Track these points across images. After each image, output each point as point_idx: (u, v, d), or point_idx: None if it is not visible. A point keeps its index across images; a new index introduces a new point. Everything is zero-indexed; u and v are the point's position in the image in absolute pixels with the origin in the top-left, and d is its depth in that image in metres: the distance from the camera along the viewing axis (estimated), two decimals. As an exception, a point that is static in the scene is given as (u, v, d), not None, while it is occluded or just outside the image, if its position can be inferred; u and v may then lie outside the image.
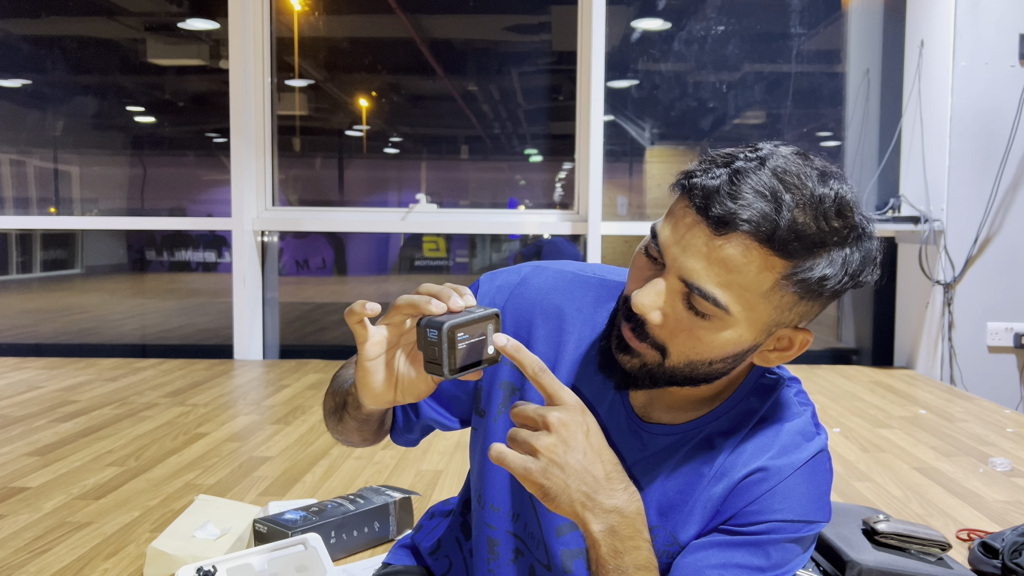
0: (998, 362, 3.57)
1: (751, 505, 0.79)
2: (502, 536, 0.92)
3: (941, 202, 3.58)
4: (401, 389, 0.79)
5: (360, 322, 0.76)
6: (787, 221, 0.68)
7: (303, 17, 4.23)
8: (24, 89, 4.37)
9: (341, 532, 1.65)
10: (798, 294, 0.72)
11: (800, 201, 0.69)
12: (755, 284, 0.71)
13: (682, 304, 0.73)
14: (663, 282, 0.74)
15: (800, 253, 0.69)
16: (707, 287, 0.71)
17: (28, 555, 1.65)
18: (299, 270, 4.54)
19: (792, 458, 0.80)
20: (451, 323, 0.71)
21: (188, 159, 4.44)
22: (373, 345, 0.77)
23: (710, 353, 0.75)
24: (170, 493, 2.03)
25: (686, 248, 0.72)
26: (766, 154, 0.72)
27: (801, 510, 0.79)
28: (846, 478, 2.20)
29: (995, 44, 3.50)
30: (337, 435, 0.95)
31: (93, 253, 4.64)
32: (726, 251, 0.70)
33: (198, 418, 2.79)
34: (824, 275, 0.70)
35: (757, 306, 0.72)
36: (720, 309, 0.71)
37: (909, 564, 1.43)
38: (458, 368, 0.73)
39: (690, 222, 0.72)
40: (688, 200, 0.73)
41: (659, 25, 4.14)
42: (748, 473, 0.80)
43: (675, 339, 0.75)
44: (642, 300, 0.73)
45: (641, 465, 0.84)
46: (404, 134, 4.48)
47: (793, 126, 4.18)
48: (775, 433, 0.82)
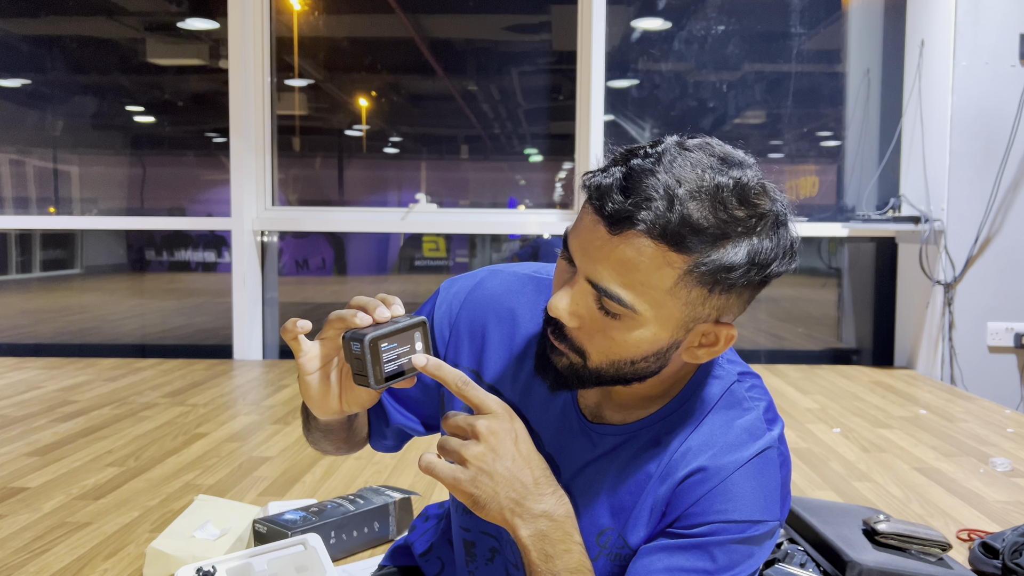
0: (998, 362, 3.57)
1: (693, 506, 0.78)
2: (477, 537, 0.92)
3: (941, 202, 3.58)
4: (345, 399, 0.81)
5: (294, 339, 0.78)
6: (680, 215, 0.67)
7: (303, 17, 4.23)
8: (24, 89, 4.37)
9: (341, 532, 1.65)
10: (706, 287, 0.70)
11: (695, 193, 0.67)
12: (657, 281, 0.69)
13: (594, 305, 0.73)
14: (574, 285, 0.73)
15: (698, 247, 0.68)
16: (612, 288, 0.70)
17: (28, 555, 1.65)
18: (299, 270, 4.54)
19: (735, 456, 0.78)
20: (373, 335, 0.73)
21: (188, 159, 4.43)
22: (309, 360, 0.79)
23: (628, 353, 0.74)
24: (170, 493, 2.02)
25: (588, 250, 0.71)
26: (664, 148, 0.70)
27: (746, 510, 0.77)
28: (846, 478, 2.20)
29: (995, 44, 3.50)
30: (312, 444, 0.96)
31: (93, 253, 4.63)
32: (622, 250, 0.69)
33: (198, 418, 2.79)
34: (729, 265, 0.69)
35: (665, 303, 0.71)
36: (627, 309, 0.71)
37: (909, 564, 1.43)
38: (384, 378, 0.74)
39: (590, 223, 0.71)
40: (588, 203, 0.72)
41: (659, 25, 4.14)
42: (689, 473, 0.79)
43: (592, 341, 0.74)
44: (557, 304, 0.73)
45: (593, 466, 0.83)
46: (404, 134, 4.48)
47: (793, 126, 4.18)
48: (721, 431, 0.80)
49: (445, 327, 0.91)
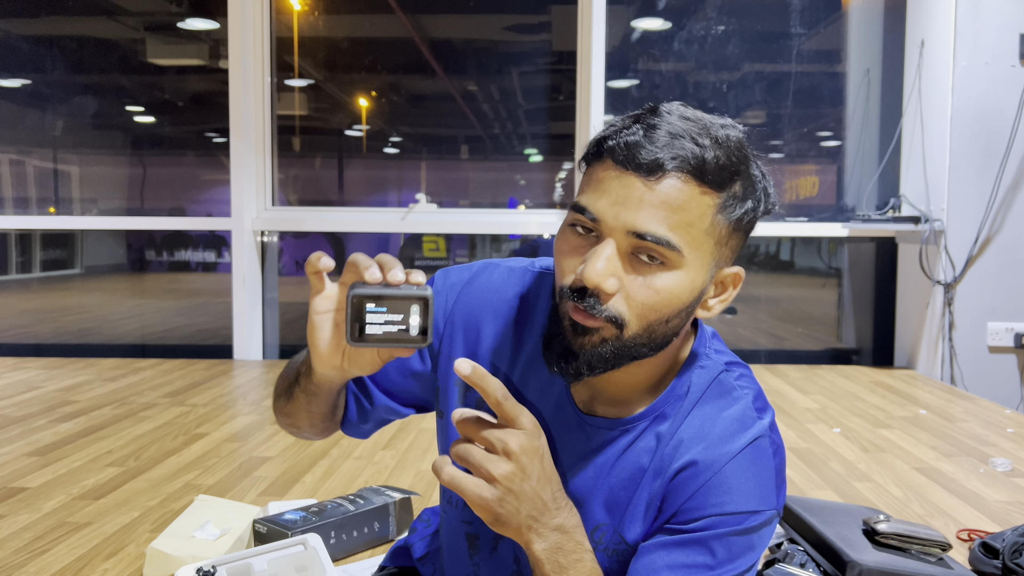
0: (998, 362, 3.57)
1: (688, 501, 0.79)
2: (480, 529, 0.91)
3: (941, 202, 3.58)
4: (348, 355, 0.77)
5: (316, 272, 0.74)
6: (709, 154, 0.72)
7: (303, 17, 4.23)
8: (24, 89, 4.37)
9: (341, 532, 1.65)
10: (731, 225, 0.75)
11: (712, 137, 0.73)
12: (698, 219, 0.73)
13: (633, 261, 0.74)
14: (608, 247, 0.73)
15: (726, 183, 0.73)
16: (658, 231, 0.72)
17: (28, 555, 1.65)
18: (299, 270, 4.54)
19: (727, 448, 0.79)
20: (360, 291, 0.70)
21: (188, 159, 4.43)
22: (323, 299, 0.75)
23: (667, 307, 0.75)
24: (170, 493, 2.02)
25: (625, 202, 0.72)
26: (667, 108, 0.76)
27: (742, 501, 0.78)
28: (846, 478, 2.20)
29: (995, 44, 3.50)
30: (284, 419, 0.91)
31: (93, 253, 4.63)
32: (664, 191, 0.72)
33: (198, 418, 2.79)
34: (748, 202, 0.75)
35: (703, 243, 0.74)
36: (674, 251, 0.72)
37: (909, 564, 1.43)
38: (363, 337, 0.71)
39: (618, 180, 0.73)
40: (611, 161, 0.74)
41: (659, 25, 4.14)
42: (682, 467, 0.79)
43: (633, 301, 0.74)
44: (594, 270, 0.72)
45: (586, 460, 0.84)
46: (404, 134, 4.48)
47: (793, 126, 4.18)
48: (711, 422, 0.81)
49: (440, 318, 0.90)
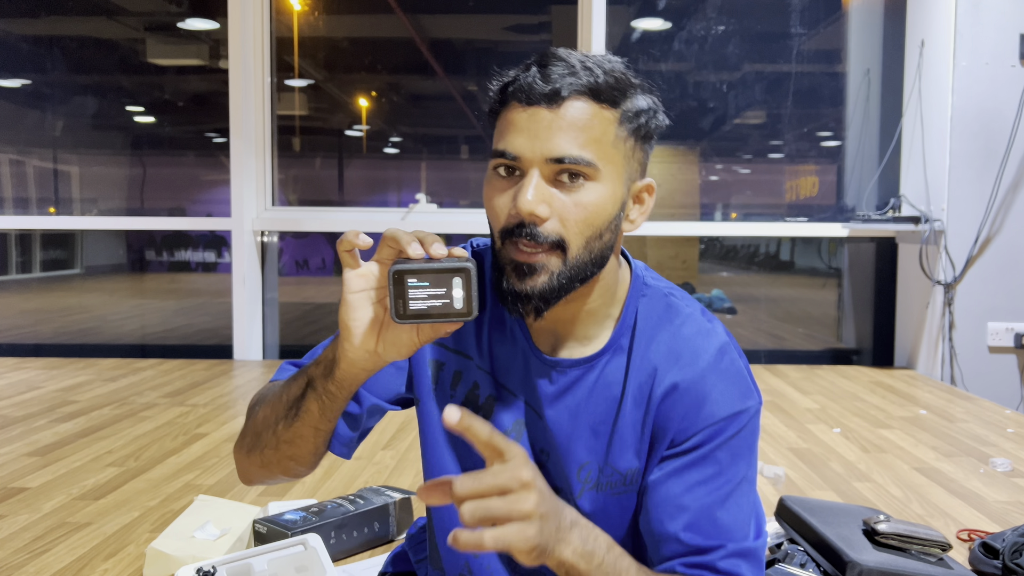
0: (998, 362, 3.57)
1: (681, 423, 0.83)
2: None
3: (941, 202, 3.58)
4: (383, 338, 0.75)
5: (350, 251, 0.73)
6: (601, 76, 0.80)
7: (303, 17, 4.23)
8: (24, 89, 4.37)
9: (341, 532, 1.65)
10: (632, 137, 0.82)
11: (596, 62, 0.81)
12: (603, 135, 0.80)
13: (557, 185, 0.79)
14: (533, 177, 0.78)
15: (620, 99, 0.81)
16: (572, 151, 0.78)
17: (28, 555, 1.65)
18: (299, 270, 4.54)
19: (698, 364, 0.84)
20: (403, 267, 0.69)
21: (188, 159, 4.44)
22: (357, 276, 0.74)
23: (598, 219, 0.80)
24: (170, 493, 2.02)
25: (537, 134, 0.78)
26: (552, 51, 0.83)
27: (728, 405, 0.83)
28: (846, 478, 2.20)
29: (995, 44, 3.50)
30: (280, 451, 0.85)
31: (93, 253, 4.63)
32: (569, 115, 0.78)
33: (198, 418, 2.79)
34: (640, 110, 0.82)
35: (612, 156, 0.81)
36: (590, 166, 0.79)
37: (909, 564, 1.43)
38: (408, 313, 0.70)
39: (527, 115, 0.79)
40: (516, 103, 0.80)
41: (659, 25, 4.14)
42: (665, 393, 0.84)
43: (567, 221, 0.79)
44: (525, 200, 0.77)
45: (561, 404, 0.87)
46: (404, 134, 4.48)
47: (793, 126, 4.18)
48: (675, 343, 0.86)
49: None
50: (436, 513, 0.95)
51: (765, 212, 4.31)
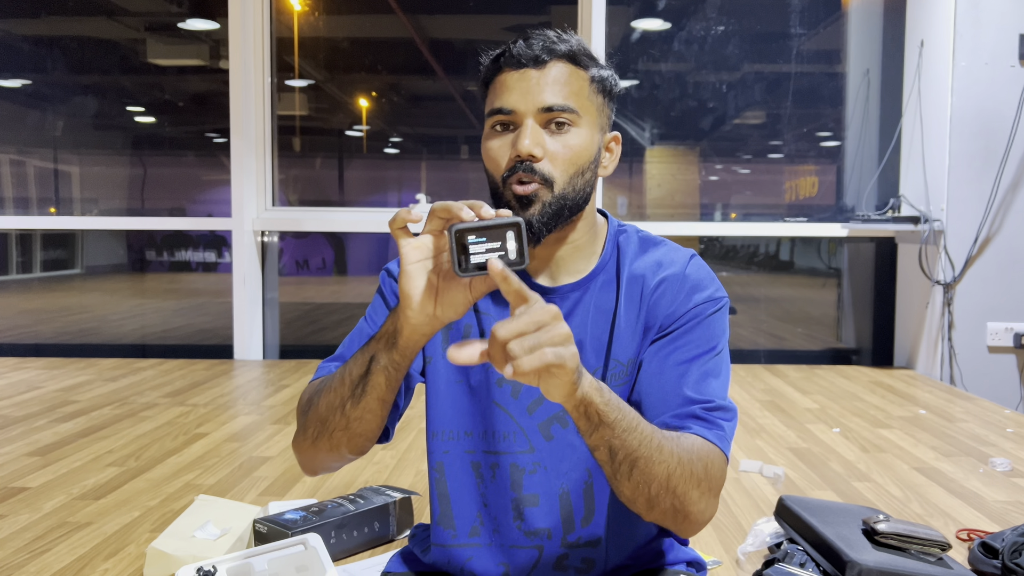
0: (998, 362, 3.57)
1: (669, 308, 0.99)
2: (481, 457, 1.01)
3: (941, 202, 3.58)
4: (441, 301, 0.83)
5: (403, 227, 0.82)
6: (575, 44, 0.98)
7: (303, 17, 4.23)
8: (24, 89, 4.37)
9: (341, 532, 1.65)
10: (602, 95, 1.01)
11: (566, 37, 0.99)
12: (580, 90, 0.97)
13: (547, 132, 0.96)
14: (527, 125, 0.94)
15: (589, 64, 0.99)
16: (559, 101, 0.95)
17: (28, 555, 1.65)
18: (299, 270, 4.54)
19: (677, 265, 1.02)
20: (461, 226, 0.78)
21: (188, 159, 4.44)
22: (413, 249, 0.82)
23: (580, 159, 0.97)
24: (170, 493, 2.03)
25: (530, 90, 0.95)
26: (529, 31, 0.99)
27: (706, 292, 1.00)
28: (846, 478, 2.21)
29: (995, 44, 3.50)
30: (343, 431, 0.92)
31: (93, 253, 4.64)
32: (553, 74, 0.96)
33: (198, 418, 2.79)
34: (606, 75, 1.01)
35: (589, 107, 0.98)
36: (573, 113, 0.96)
37: (909, 564, 1.43)
38: (469, 266, 0.78)
39: (518, 76, 0.96)
40: (508, 69, 0.97)
41: (659, 25, 4.14)
42: (655, 286, 1.00)
43: (556, 160, 0.95)
44: (524, 143, 0.93)
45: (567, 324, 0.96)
46: (404, 134, 4.48)
47: (793, 126, 4.18)
48: (656, 257, 1.03)
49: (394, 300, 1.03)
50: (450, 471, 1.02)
51: (765, 212, 4.31)
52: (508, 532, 1.00)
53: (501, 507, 1.00)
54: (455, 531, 1.02)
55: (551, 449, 1.00)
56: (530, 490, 0.99)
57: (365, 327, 1.04)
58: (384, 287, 1.06)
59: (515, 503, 1.00)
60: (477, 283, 0.82)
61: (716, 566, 1.65)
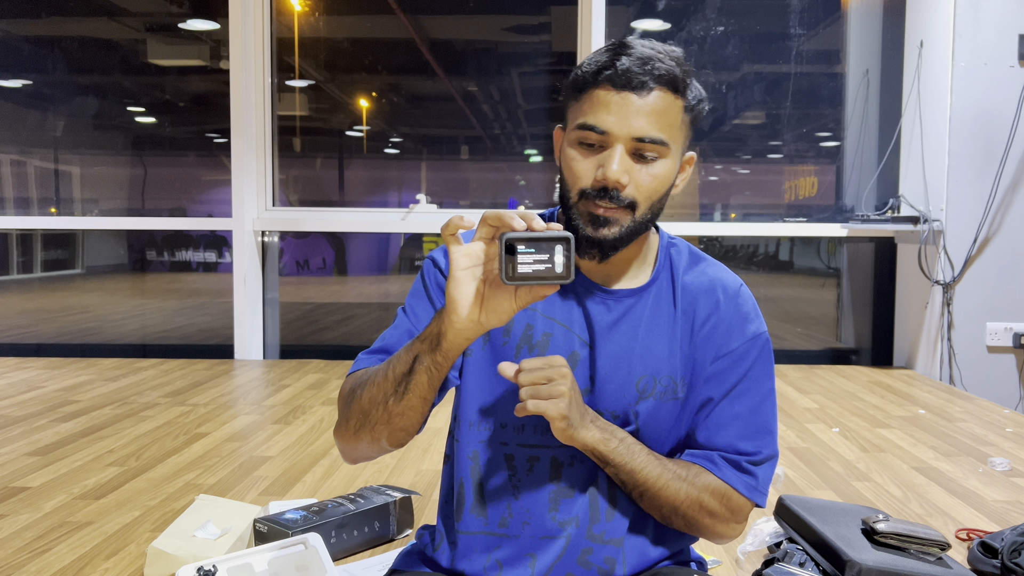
0: (997, 362, 3.57)
1: (725, 340, 1.03)
2: (515, 450, 1.03)
3: (940, 202, 3.59)
4: (486, 308, 0.85)
5: (453, 235, 0.83)
6: (676, 71, 0.96)
7: (303, 17, 4.23)
8: (25, 89, 4.37)
9: (341, 532, 1.66)
10: (691, 121, 1.00)
11: (670, 58, 0.96)
12: (674, 120, 0.97)
13: (635, 159, 0.96)
14: (617, 151, 0.95)
15: (687, 90, 0.98)
16: (653, 133, 0.95)
17: (28, 555, 1.65)
18: (299, 270, 4.54)
19: (730, 295, 1.06)
20: (511, 235, 0.80)
21: (188, 159, 4.44)
22: (463, 255, 0.84)
23: (662, 187, 0.98)
24: (170, 493, 2.03)
25: (627, 115, 0.94)
26: (630, 41, 0.98)
27: (755, 326, 1.05)
28: (846, 478, 2.21)
29: (994, 44, 3.51)
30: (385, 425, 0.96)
31: (94, 253, 4.64)
32: (652, 103, 0.95)
33: (198, 418, 2.79)
34: (700, 98, 1.00)
35: (677, 136, 0.98)
36: (664, 147, 0.96)
37: (908, 564, 1.43)
38: (515, 276, 0.80)
39: (619, 99, 0.94)
40: (609, 85, 0.95)
41: (659, 25, 4.15)
42: (706, 315, 1.04)
43: (641, 188, 0.96)
44: (613, 170, 0.94)
45: (615, 327, 1.03)
46: (404, 134, 4.48)
47: (793, 126, 4.18)
48: (706, 277, 1.06)
49: (440, 294, 1.05)
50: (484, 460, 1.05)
51: (764, 212, 4.31)
52: (540, 524, 1.02)
53: (536, 499, 1.02)
54: (487, 519, 1.03)
55: None
56: (567, 481, 1.02)
57: (404, 319, 1.06)
58: (427, 277, 1.07)
59: (553, 495, 1.02)
60: (523, 292, 0.84)
61: (716, 566, 1.65)
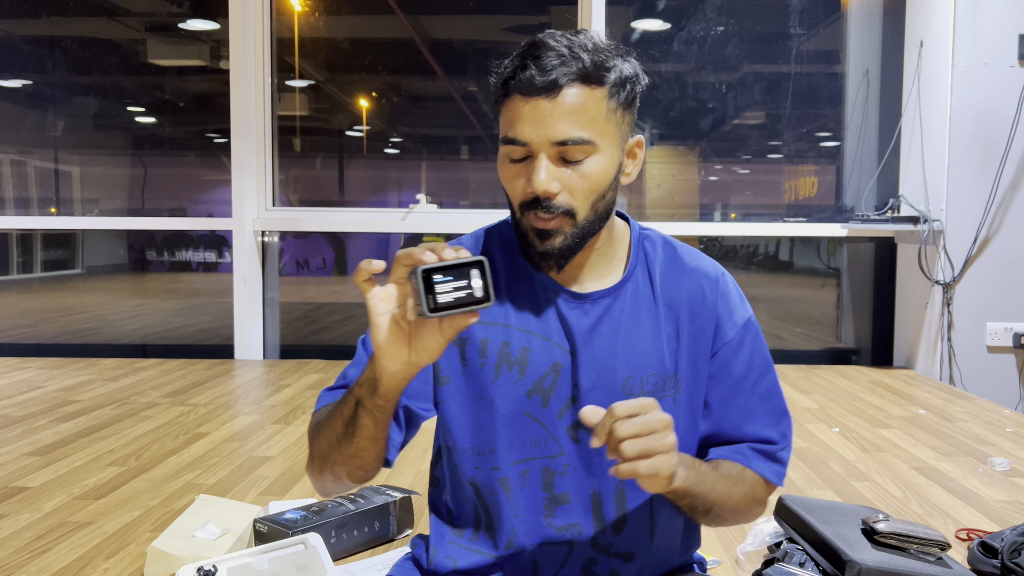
0: (997, 362, 3.57)
1: (719, 329, 1.01)
2: (508, 471, 1.00)
3: (940, 202, 3.59)
4: (414, 346, 0.84)
5: (367, 280, 0.82)
6: (587, 60, 0.89)
7: (303, 17, 4.23)
8: (25, 89, 4.37)
9: (341, 532, 1.66)
10: (622, 107, 0.93)
11: (582, 47, 0.90)
12: (596, 112, 0.90)
13: (563, 164, 0.91)
14: (542, 160, 0.90)
15: (606, 77, 0.91)
16: (573, 134, 0.89)
17: (28, 555, 1.65)
18: (299, 270, 4.54)
19: (713, 279, 1.03)
20: (425, 267, 0.78)
21: (189, 159, 4.44)
22: (380, 301, 0.82)
23: (600, 184, 0.93)
24: (170, 493, 2.03)
25: (541, 122, 0.89)
26: (541, 38, 0.91)
27: (744, 309, 1.04)
28: (846, 478, 2.21)
29: (994, 44, 3.51)
30: (343, 466, 0.95)
31: (94, 253, 4.64)
32: (565, 102, 0.89)
33: (198, 418, 2.79)
34: (626, 78, 0.93)
35: (607, 129, 0.92)
36: (589, 145, 0.90)
37: (908, 564, 1.43)
38: (437, 306, 0.78)
39: (531, 105, 0.90)
40: (518, 95, 0.90)
41: (659, 25, 4.15)
42: (693, 306, 1.01)
43: (575, 192, 0.92)
44: (539, 179, 0.90)
45: (594, 331, 0.99)
46: (404, 134, 4.48)
47: (793, 126, 4.18)
48: (686, 261, 1.04)
49: None
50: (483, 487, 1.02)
51: (764, 212, 4.31)
52: (539, 530, 1.00)
53: (532, 509, 1.00)
54: (495, 542, 1.02)
55: (580, 451, 0.99)
56: (561, 489, 1.00)
57: (363, 354, 1.04)
58: None
59: (547, 502, 1.00)
60: (447, 324, 0.82)
61: (716, 566, 1.65)
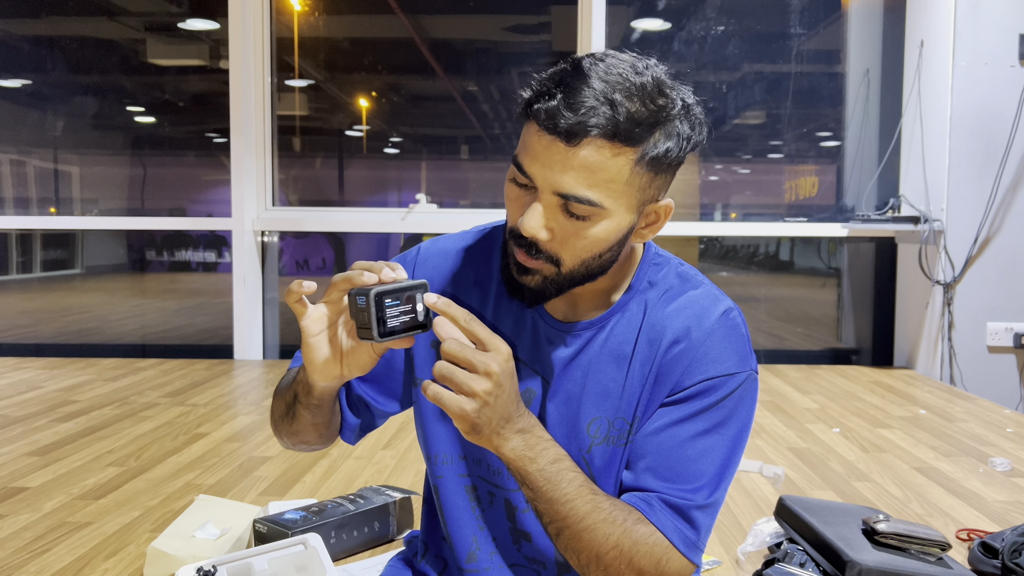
0: (998, 362, 3.57)
1: (682, 376, 0.88)
2: (477, 482, 0.98)
3: (941, 202, 3.58)
4: (346, 363, 0.84)
5: (299, 301, 0.81)
6: (624, 114, 0.78)
7: (303, 17, 4.23)
8: (24, 89, 4.37)
9: (341, 532, 1.65)
10: (652, 171, 0.82)
11: (627, 94, 0.78)
12: (616, 175, 0.79)
13: (563, 215, 0.81)
14: (539, 204, 0.81)
15: (642, 137, 0.79)
16: (579, 192, 0.79)
17: (28, 555, 1.65)
18: (299, 270, 4.54)
19: (703, 324, 0.89)
20: (378, 290, 0.77)
21: (188, 159, 4.44)
22: (313, 322, 0.82)
23: (598, 247, 0.84)
24: (170, 493, 2.03)
25: (551, 166, 0.79)
26: (587, 65, 0.80)
27: (725, 364, 0.88)
28: (846, 478, 2.21)
29: (995, 44, 3.50)
30: (289, 438, 0.98)
31: (93, 253, 4.64)
32: (583, 157, 0.78)
33: (198, 418, 2.79)
34: (667, 148, 0.81)
35: (624, 193, 0.81)
36: (595, 207, 0.80)
37: (909, 564, 1.43)
38: (387, 331, 0.78)
39: (546, 143, 0.79)
40: (537, 124, 0.80)
41: (659, 25, 4.14)
42: (668, 347, 0.89)
43: (565, 247, 0.83)
44: (529, 224, 0.81)
45: (573, 363, 0.92)
46: (404, 134, 4.48)
47: (793, 126, 4.18)
48: (684, 303, 0.91)
49: None
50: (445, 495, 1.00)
51: (765, 212, 4.31)
52: (508, 554, 0.98)
53: (501, 531, 0.98)
54: (455, 552, 1.00)
55: None
56: (524, 527, 0.96)
57: None
58: None
59: (512, 532, 0.97)
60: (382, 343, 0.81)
61: (716, 566, 1.65)
